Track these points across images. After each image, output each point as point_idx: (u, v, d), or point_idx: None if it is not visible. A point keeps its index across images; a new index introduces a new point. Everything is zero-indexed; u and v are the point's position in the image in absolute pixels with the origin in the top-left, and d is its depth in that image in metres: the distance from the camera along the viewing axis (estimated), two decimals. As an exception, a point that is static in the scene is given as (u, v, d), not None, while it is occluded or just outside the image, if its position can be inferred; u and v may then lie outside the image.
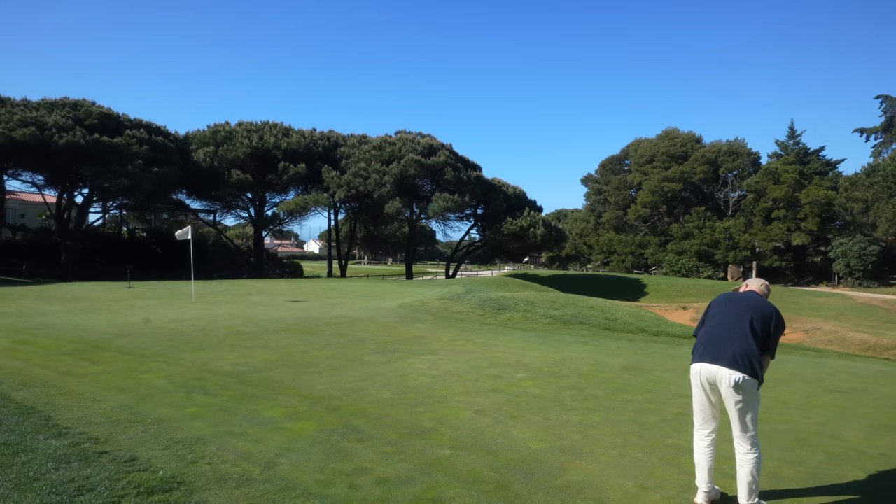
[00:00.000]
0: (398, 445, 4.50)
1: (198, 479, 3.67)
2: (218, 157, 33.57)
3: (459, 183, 35.27)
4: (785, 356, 9.85)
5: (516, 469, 4.09)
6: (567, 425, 5.19)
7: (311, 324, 10.63)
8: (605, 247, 56.79)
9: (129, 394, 5.72)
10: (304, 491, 3.59)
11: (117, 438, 4.37)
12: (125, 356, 7.53)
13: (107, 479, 3.54)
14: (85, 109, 29.97)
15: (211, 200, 37.94)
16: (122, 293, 16.90)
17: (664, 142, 53.08)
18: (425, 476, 3.91)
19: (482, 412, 5.51)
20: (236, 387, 6.16)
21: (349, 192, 34.44)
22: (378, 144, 36.09)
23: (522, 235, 36.25)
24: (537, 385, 6.66)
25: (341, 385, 6.37)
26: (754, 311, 3.60)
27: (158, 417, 4.98)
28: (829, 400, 6.47)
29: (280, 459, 4.11)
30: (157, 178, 29.07)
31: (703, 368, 3.61)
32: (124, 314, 11.82)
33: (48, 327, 9.69)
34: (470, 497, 3.61)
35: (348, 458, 4.18)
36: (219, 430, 4.71)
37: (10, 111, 27.57)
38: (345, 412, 5.35)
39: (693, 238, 49.78)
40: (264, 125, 36.42)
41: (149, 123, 32.65)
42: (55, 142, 26.26)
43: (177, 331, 9.65)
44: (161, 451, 4.16)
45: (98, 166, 27.22)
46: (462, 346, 9.17)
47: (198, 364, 7.17)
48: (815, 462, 4.42)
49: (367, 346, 8.71)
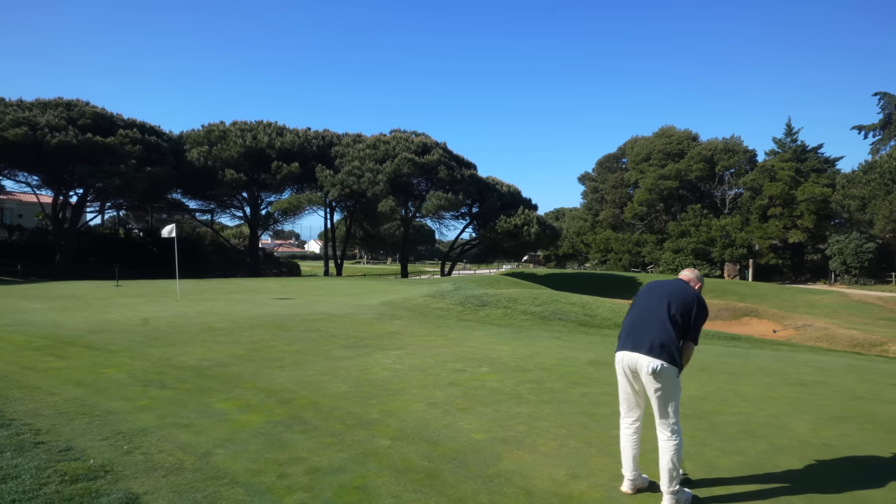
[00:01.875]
0: (340, 436, 4.53)
1: (127, 468, 3.70)
2: (212, 157, 33.65)
3: (453, 181, 35.30)
4: (757, 350, 9.86)
5: (451, 459, 4.12)
6: (516, 417, 5.21)
7: (288, 320, 10.67)
8: (602, 245, 56.78)
9: (85, 387, 5.76)
10: (231, 479, 3.62)
11: (59, 430, 4.41)
12: (92, 352, 7.57)
13: (34, 468, 3.57)
14: (78, 109, 30.05)
15: (206, 200, 38.02)
16: (107, 291, 16.96)
17: (660, 140, 53.03)
18: (358, 465, 3.94)
19: (434, 404, 5.53)
20: (195, 380, 6.20)
21: (343, 191, 34.48)
22: (372, 143, 36.12)
23: (516, 234, 36.26)
24: (498, 379, 6.68)
25: (301, 379, 6.40)
26: (675, 298, 3.61)
27: (108, 410, 5.01)
28: (788, 392, 6.48)
29: (217, 450, 4.14)
30: (151, 177, 29.14)
31: (625, 356, 3.63)
32: (104, 312, 11.87)
33: (24, 324, 9.74)
34: (397, 485, 3.63)
35: (286, 449, 4.21)
36: (165, 421, 4.75)
37: (3, 111, 27.66)
38: (296, 405, 5.39)
39: (690, 236, 49.75)
40: (258, 124, 36.48)
41: (142, 123, 32.73)
42: (48, 142, 26.34)
43: (152, 327, 9.69)
44: (99, 441, 4.19)
45: (90, 166, 27.30)
46: (433, 341, 9.20)
47: (163, 359, 7.21)
48: (755, 452, 4.44)
49: (337, 342, 8.75)
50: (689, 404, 5.84)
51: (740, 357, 8.88)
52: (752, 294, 35.82)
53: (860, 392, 6.61)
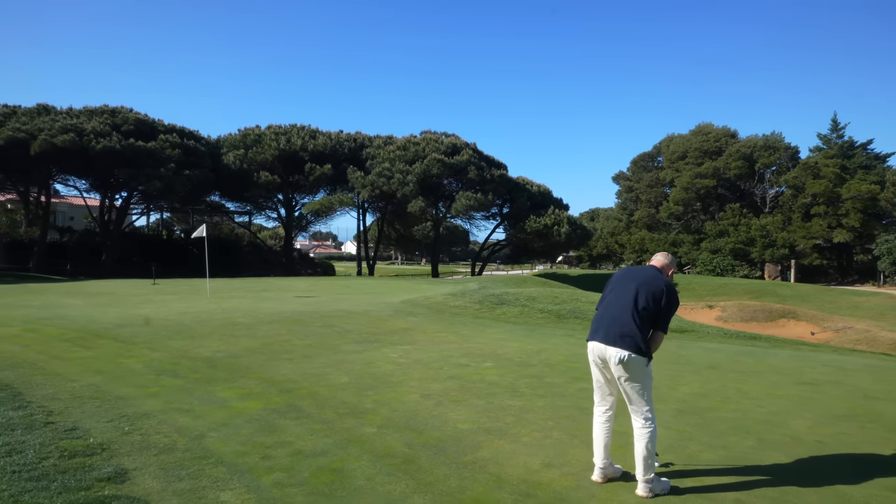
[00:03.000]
0: (329, 424, 4.70)
1: (123, 447, 3.95)
2: (247, 160, 34.62)
3: (483, 181, 35.32)
4: (776, 350, 9.61)
5: (431, 446, 4.23)
6: (506, 409, 5.28)
7: (306, 316, 10.96)
8: (638, 245, 55.69)
9: (103, 375, 6.10)
10: (217, 459, 3.82)
11: (70, 412, 4.72)
12: (117, 343, 7.98)
13: (39, 444, 3.86)
14: (122, 116, 31.40)
15: (242, 202, 39.11)
16: (144, 289, 17.71)
17: (697, 137, 51.71)
18: (340, 450, 4.10)
19: (428, 396, 5.65)
20: (205, 371, 6.48)
21: (373, 192, 34.96)
22: (402, 145, 36.49)
23: (546, 234, 36.01)
24: (498, 373, 6.75)
25: (305, 370, 6.61)
26: (644, 286, 3.63)
27: (119, 395, 5.32)
28: (796, 391, 6.33)
29: (211, 433, 4.36)
30: (189, 180, 30.20)
31: (595, 347, 3.68)
32: (137, 307, 12.43)
33: (60, 318, 10.30)
34: (372, 468, 3.77)
35: (275, 433, 4.40)
36: (169, 406, 5.01)
37: (54, 119, 29.15)
38: (295, 394, 5.59)
39: (728, 236, 48.31)
40: (292, 128, 37.34)
41: (181, 128, 33.95)
42: (93, 147, 27.63)
43: (177, 322, 10.11)
44: (104, 423, 4.47)
45: (132, 169, 28.49)
46: (444, 337, 9.31)
47: (180, 351, 7.54)
48: (742, 447, 4.39)
49: (349, 337, 8.96)
50: (688, 400, 5.80)
51: (756, 356, 8.68)
52: (791, 295, 34.55)
53: (873, 392, 6.41)
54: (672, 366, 7.65)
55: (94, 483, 3.29)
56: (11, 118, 29.33)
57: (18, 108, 31.07)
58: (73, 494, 3.11)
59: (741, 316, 25.72)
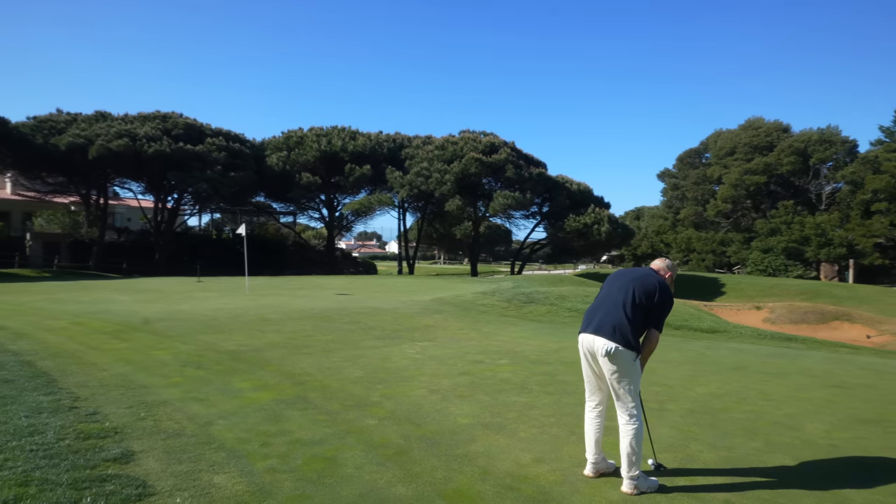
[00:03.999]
0: (333, 415, 4.84)
1: (135, 431, 4.19)
2: (290, 162, 35.54)
3: (521, 180, 35.10)
4: (810, 352, 9.21)
5: (427, 439, 4.30)
6: (510, 405, 5.30)
7: (335, 313, 11.22)
8: (684, 245, 54.09)
9: (133, 365, 6.45)
10: (219, 445, 4.01)
11: (95, 398, 5.03)
12: (152, 336, 8.40)
13: (59, 426, 4.14)
14: (172, 121, 32.81)
15: (285, 202, 40.17)
16: (188, 286, 18.48)
17: (747, 132, 49.73)
18: (337, 440, 4.22)
19: (436, 391, 5.73)
20: (228, 363, 6.76)
21: (411, 192, 35.28)
22: (440, 144, 36.67)
23: (586, 233, 35.46)
24: (511, 370, 6.76)
25: (322, 364, 6.80)
26: (638, 283, 3.61)
27: (142, 384, 5.62)
28: (821, 394, 6.08)
29: (219, 421, 4.57)
30: (234, 181, 31.26)
31: (584, 339, 3.68)
32: (178, 303, 13.01)
33: (105, 312, 10.91)
34: (364, 458, 3.88)
35: (279, 423, 4.57)
36: (186, 395, 5.27)
37: (110, 125, 30.75)
38: (307, 386, 5.77)
39: (780, 234, 46.28)
40: (333, 129, 38.10)
41: (228, 132, 35.16)
42: (145, 151, 28.99)
43: (211, 317, 10.54)
44: (123, 409, 4.75)
45: (181, 172, 29.74)
46: (465, 334, 9.37)
47: (208, 344, 7.88)
48: (746, 449, 4.28)
49: (372, 333, 9.13)
50: (702, 401, 5.67)
51: (787, 358, 8.36)
52: (848, 297, 32.84)
53: (907, 396, 6.09)
54: (694, 366, 7.46)
55: (100, 463, 3.52)
56: (72, 125, 31.09)
57: (79, 116, 32.91)
58: (80, 472, 3.34)
59: (790, 318, 24.64)
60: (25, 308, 11.40)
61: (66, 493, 3.05)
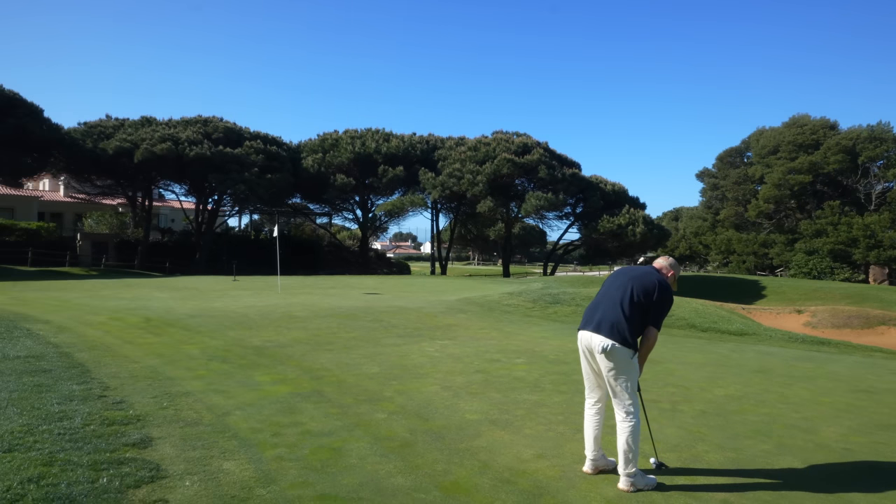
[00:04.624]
0: (345, 408, 4.99)
1: (156, 419, 4.43)
2: (325, 164, 36.21)
3: (554, 181, 34.84)
4: (841, 356, 8.90)
5: (433, 433, 4.40)
6: (521, 403, 5.35)
7: (361, 312, 11.43)
8: (724, 246, 52.57)
9: (162, 359, 6.77)
10: (233, 434, 4.20)
11: (123, 388, 5.31)
12: (184, 331, 8.76)
13: (87, 413, 4.41)
14: (213, 125, 33.88)
15: (321, 203, 40.94)
16: (224, 285, 19.08)
17: (791, 130, 47.97)
18: (345, 432, 4.36)
19: (448, 388, 5.82)
20: (251, 357, 7.01)
21: (443, 193, 35.44)
22: (473, 145, 36.73)
23: (620, 234, 34.94)
24: (527, 370, 6.79)
25: (341, 361, 6.98)
26: (637, 281, 3.63)
27: (169, 376, 5.90)
28: (845, 398, 5.91)
29: (236, 411, 4.77)
30: (271, 183, 32.06)
31: (583, 336, 3.71)
32: (212, 301, 13.47)
33: (143, 308, 11.40)
34: (369, 449, 4.00)
35: (292, 414, 4.74)
36: (209, 387, 5.51)
37: (154, 130, 31.98)
38: (324, 381, 5.94)
39: (826, 236, 44.49)
40: (367, 132, 38.63)
41: (265, 135, 36.08)
42: (186, 154, 30.05)
43: (242, 314, 10.89)
44: (149, 398, 5.01)
45: (220, 174, 30.68)
46: (487, 333, 9.42)
47: (235, 340, 8.17)
48: (754, 451, 4.23)
49: (394, 331, 9.28)
50: (717, 402, 5.59)
51: (815, 361, 8.12)
52: (899, 301, 31.40)
53: (938, 403, 5.85)
54: (716, 368, 7.34)
55: (120, 447, 3.74)
56: (120, 130, 32.46)
57: (126, 121, 34.32)
58: (100, 455, 3.56)
59: (833, 322, 23.70)
60: (70, 304, 12.01)
61: (86, 473, 3.27)
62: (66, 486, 3.06)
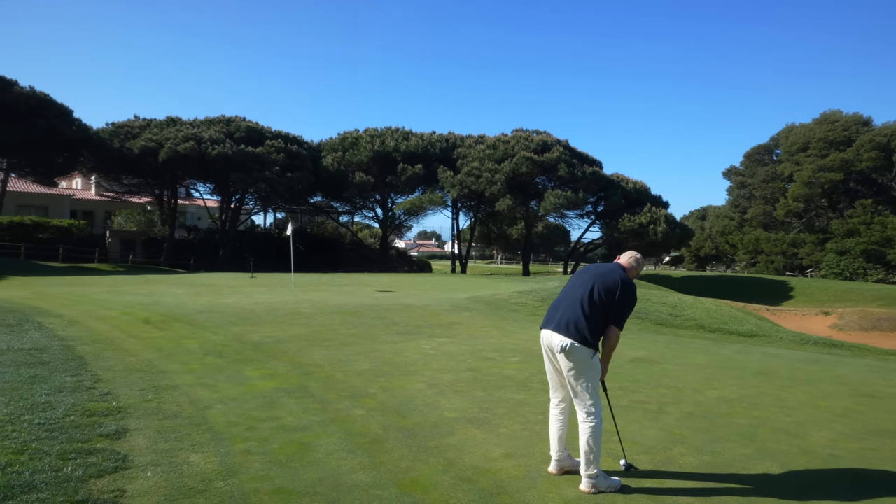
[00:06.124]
0: (325, 404, 5.02)
1: (137, 411, 4.52)
2: (344, 162, 36.52)
3: (574, 179, 34.50)
4: (853, 360, 8.60)
5: (406, 430, 4.40)
6: (503, 402, 5.31)
7: (366, 309, 11.49)
8: (751, 246, 51.33)
9: (160, 353, 6.91)
10: (208, 427, 4.27)
11: (114, 380, 5.44)
12: (188, 326, 8.92)
13: (71, 404, 4.53)
14: (235, 124, 34.45)
15: (341, 202, 41.29)
16: (240, 281, 19.39)
17: (821, 127, 46.53)
18: (320, 427, 4.39)
19: (434, 385, 5.81)
20: (247, 353, 7.11)
21: (461, 191, 35.41)
22: (492, 144, 36.61)
23: (641, 233, 34.40)
24: (518, 368, 6.74)
25: (335, 357, 7.03)
26: (599, 279, 3.57)
27: (162, 370, 6.02)
28: (845, 402, 5.72)
29: (218, 405, 4.84)
30: (291, 182, 32.46)
31: (544, 335, 3.67)
32: (224, 297, 13.70)
33: (155, 304, 11.65)
34: (339, 445, 4.02)
35: (272, 409, 4.79)
36: (197, 381, 5.60)
37: (178, 129, 32.66)
38: (312, 377, 5.99)
39: (859, 235, 43.06)
40: (386, 130, 38.81)
41: (286, 134, 36.53)
42: (209, 153, 30.62)
43: (249, 310, 11.05)
44: (136, 391, 5.12)
45: (242, 173, 31.18)
46: (487, 332, 9.38)
47: (236, 335, 8.30)
48: (732, 455, 4.12)
49: (394, 329, 9.31)
50: (706, 404, 5.47)
51: (822, 364, 7.87)
52: (934, 303, 30.23)
53: (944, 409, 5.62)
54: (715, 369, 7.18)
55: (93, 437, 3.84)
56: (146, 129, 33.25)
57: (152, 121, 35.12)
58: (72, 445, 3.66)
59: (861, 324, 22.98)
60: (87, 299, 12.35)
61: (53, 462, 3.36)
62: (29, 475, 3.15)
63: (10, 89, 25.68)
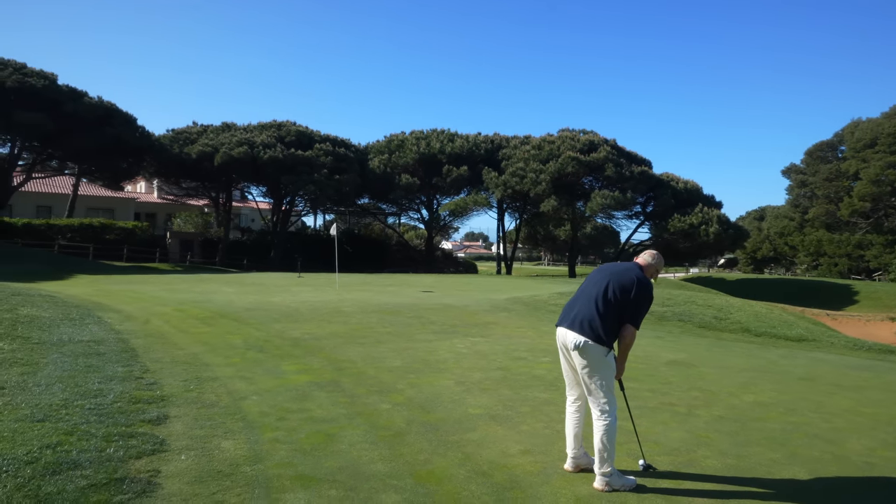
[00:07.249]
0: (354, 398, 5.19)
1: (178, 400, 4.82)
2: (391, 164, 37.09)
3: (621, 179, 33.83)
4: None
5: (430, 424, 4.51)
6: (528, 400, 5.35)
7: (405, 308, 11.69)
8: (813, 248, 48.87)
9: (206, 347, 7.28)
10: (242, 417, 4.51)
11: (161, 371, 5.79)
12: (234, 323, 9.34)
13: (120, 391, 4.87)
14: (286, 129, 35.58)
15: (387, 203, 41.95)
16: (288, 281, 20.02)
17: (891, 121, 43.75)
18: (346, 420, 4.56)
19: (462, 383, 5.90)
20: (286, 348, 7.40)
21: (506, 192, 35.31)
22: (537, 144, 36.36)
23: (692, 234, 33.35)
24: (549, 369, 6.74)
25: (368, 354, 7.22)
26: (615, 278, 3.58)
27: (205, 363, 6.35)
28: (892, 410, 5.48)
29: (253, 396, 5.09)
30: (339, 184, 33.24)
31: (559, 333, 3.71)
32: (271, 295, 14.21)
33: (207, 301, 12.22)
34: (362, 437, 4.17)
35: (303, 401, 5.00)
36: (236, 374, 5.89)
37: (233, 135, 34.02)
38: (345, 372, 6.19)
39: (933, 237, 40.44)
40: (432, 132, 39.16)
41: (335, 137, 37.43)
42: (260, 157, 31.75)
43: (294, 308, 11.44)
44: (179, 381, 5.44)
45: (292, 175, 32.17)
46: (522, 332, 9.39)
47: (278, 331, 8.63)
48: (759, 460, 4.03)
49: (430, 328, 9.45)
50: (740, 408, 5.34)
51: (874, 371, 7.49)
52: None
53: None
54: (755, 373, 6.96)
55: (136, 422, 4.13)
56: (203, 135, 34.78)
57: (209, 127, 36.71)
58: (116, 428, 3.95)
59: (931, 331, 21.53)
60: (145, 296, 13.07)
61: (98, 443, 3.65)
62: (76, 454, 3.44)
63: (80, 100, 27.40)
